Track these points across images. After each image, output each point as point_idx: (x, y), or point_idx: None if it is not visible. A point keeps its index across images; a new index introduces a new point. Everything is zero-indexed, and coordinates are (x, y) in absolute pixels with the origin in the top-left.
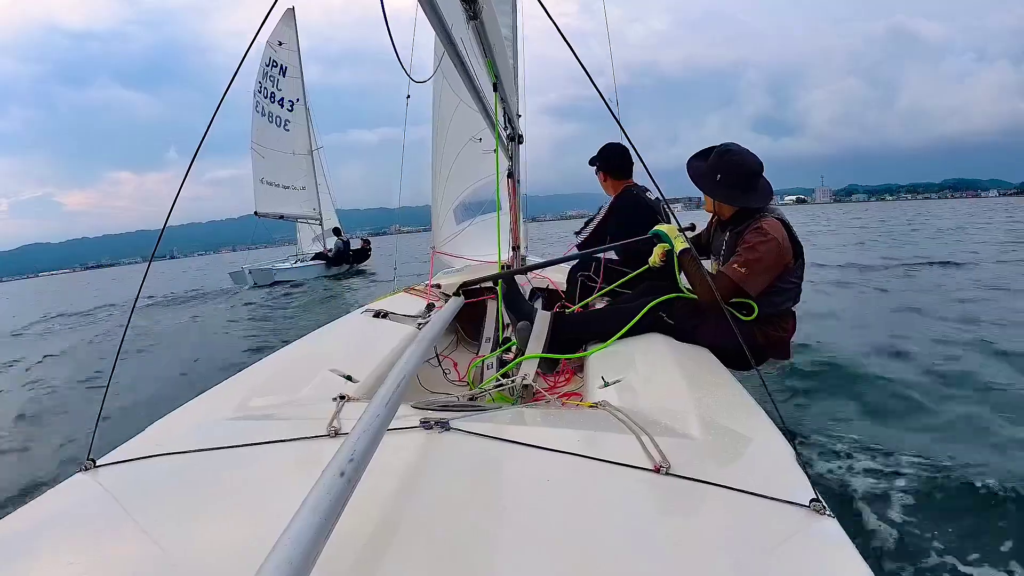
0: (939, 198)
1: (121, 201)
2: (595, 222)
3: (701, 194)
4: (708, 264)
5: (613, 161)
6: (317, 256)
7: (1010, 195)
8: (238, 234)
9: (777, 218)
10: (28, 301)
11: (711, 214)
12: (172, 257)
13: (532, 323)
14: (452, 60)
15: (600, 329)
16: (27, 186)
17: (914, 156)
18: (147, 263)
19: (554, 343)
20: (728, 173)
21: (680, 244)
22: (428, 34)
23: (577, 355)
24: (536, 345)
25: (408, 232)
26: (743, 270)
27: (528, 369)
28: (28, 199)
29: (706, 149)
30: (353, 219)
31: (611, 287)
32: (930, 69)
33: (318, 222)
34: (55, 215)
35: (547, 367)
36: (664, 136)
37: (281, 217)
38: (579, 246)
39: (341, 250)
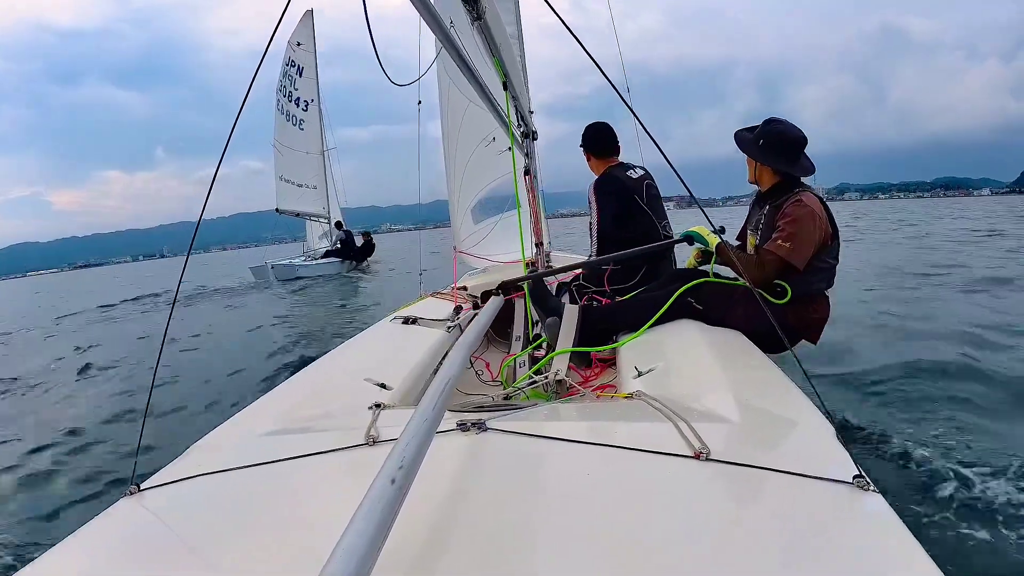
0: (932, 197)
1: (111, 200)
2: (595, 214)
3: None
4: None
5: (592, 140)
6: (328, 253)
7: (1003, 193)
8: (228, 233)
9: (815, 195)
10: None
11: (752, 183)
12: (162, 256)
13: (560, 318)
14: (457, 64)
15: (629, 319)
16: (16, 185)
17: (905, 154)
18: (137, 262)
19: (584, 336)
20: (770, 139)
21: (714, 240)
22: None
23: (608, 347)
24: (566, 340)
25: (400, 231)
26: (788, 244)
27: (560, 364)
28: (17, 198)
29: (754, 125)
30: (344, 217)
31: (640, 290)
32: (921, 67)
33: (326, 220)
34: (44, 214)
35: (580, 361)
36: (656, 133)
37: (297, 215)
38: (599, 251)
39: (345, 240)
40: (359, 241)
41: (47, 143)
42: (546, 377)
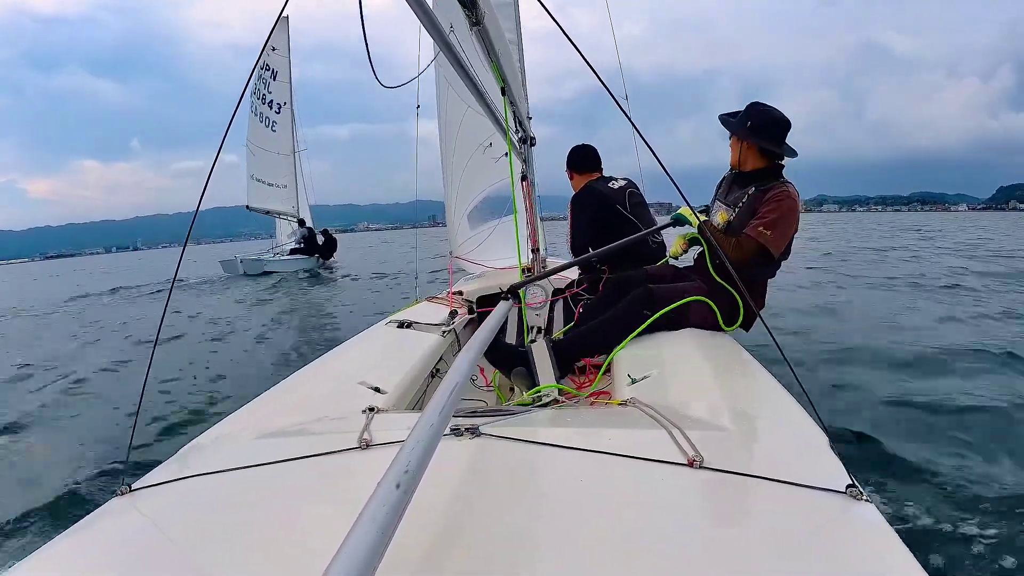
0: (909, 211)
1: (86, 190)
2: (568, 235)
3: (671, 200)
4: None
5: (573, 158)
6: (294, 251)
7: (979, 209)
8: (204, 228)
9: (796, 190)
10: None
11: (732, 168)
12: (136, 248)
13: (527, 366)
14: (456, 70)
15: (599, 343)
16: None
17: (883, 168)
18: (109, 253)
19: (563, 367)
20: (758, 119)
21: (695, 220)
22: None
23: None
24: (545, 377)
25: (378, 229)
26: (769, 232)
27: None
28: None
29: (735, 111)
30: (322, 215)
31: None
32: (900, 83)
33: (296, 219)
34: (19, 202)
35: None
36: (637, 142)
37: (267, 212)
38: (573, 252)
39: (307, 236)
40: (320, 239)
41: (24, 130)
42: (539, 398)
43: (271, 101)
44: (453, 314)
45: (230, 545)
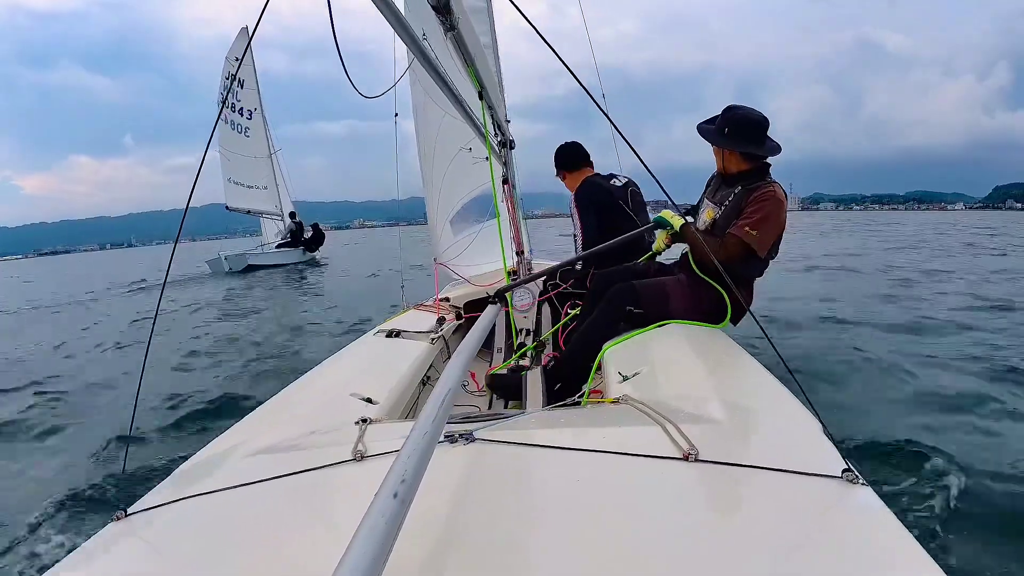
0: (906, 209)
1: (81, 186)
2: (577, 225)
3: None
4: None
5: (563, 157)
6: (280, 245)
7: (976, 208)
8: (201, 224)
9: (783, 190)
10: None
11: (719, 172)
12: (130, 245)
13: (522, 396)
14: (432, 77)
15: (594, 350)
16: None
17: (879, 167)
18: (104, 250)
19: (552, 390)
20: (734, 125)
21: (678, 221)
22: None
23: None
24: (535, 403)
25: (373, 227)
26: (755, 232)
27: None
28: None
29: (713, 116)
30: (317, 211)
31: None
32: (896, 81)
33: (280, 218)
34: (14, 199)
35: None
36: (631, 138)
37: (249, 212)
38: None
39: (293, 231)
40: (308, 233)
41: (18, 126)
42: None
43: (241, 108)
44: (441, 321)
45: (231, 565)
